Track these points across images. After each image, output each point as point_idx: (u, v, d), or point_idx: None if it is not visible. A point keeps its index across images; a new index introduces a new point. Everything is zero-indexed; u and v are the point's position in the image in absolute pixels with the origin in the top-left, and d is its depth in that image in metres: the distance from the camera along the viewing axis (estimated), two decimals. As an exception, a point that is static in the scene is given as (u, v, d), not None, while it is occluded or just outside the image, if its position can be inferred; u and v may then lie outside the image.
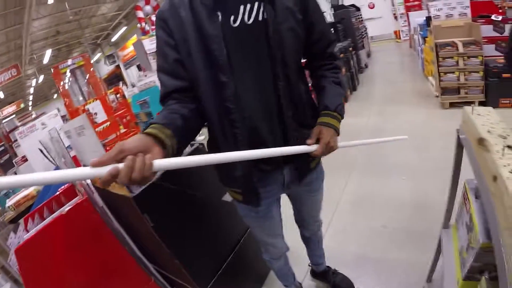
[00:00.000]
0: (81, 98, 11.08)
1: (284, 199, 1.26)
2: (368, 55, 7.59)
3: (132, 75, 13.65)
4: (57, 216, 1.34)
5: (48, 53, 12.34)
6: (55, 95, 20.29)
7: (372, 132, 3.48)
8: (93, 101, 5.52)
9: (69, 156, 1.50)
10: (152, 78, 5.28)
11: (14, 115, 15.86)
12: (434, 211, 1.60)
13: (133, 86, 8.55)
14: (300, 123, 0.96)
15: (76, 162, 1.56)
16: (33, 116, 12.08)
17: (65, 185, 1.67)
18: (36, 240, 1.30)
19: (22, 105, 16.15)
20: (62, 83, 6.87)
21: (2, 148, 6.45)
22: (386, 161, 2.78)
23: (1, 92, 14.08)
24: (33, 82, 15.82)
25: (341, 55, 4.53)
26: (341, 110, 0.98)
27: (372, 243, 1.89)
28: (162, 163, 0.61)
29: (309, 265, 1.76)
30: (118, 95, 6.35)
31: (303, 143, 0.91)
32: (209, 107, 0.91)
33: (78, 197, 1.45)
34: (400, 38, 8.96)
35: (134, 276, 1.56)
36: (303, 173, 1.08)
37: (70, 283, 1.38)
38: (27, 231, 1.43)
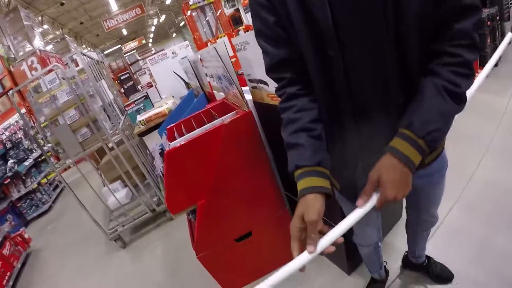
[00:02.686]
0: (208, 32, 11.72)
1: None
2: (514, 28, 6.05)
3: (251, 19, 13.74)
4: (218, 124, 1.35)
5: (171, -5, 13.16)
6: (174, 34, 22.05)
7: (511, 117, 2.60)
8: (222, 36, 5.70)
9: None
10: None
11: (134, 50, 18.04)
12: None
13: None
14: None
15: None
16: (152, 52, 13.39)
17: (219, 100, 1.70)
18: (191, 145, 1.32)
19: (143, 41, 18.11)
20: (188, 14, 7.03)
21: (127, 75, 7.40)
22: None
23: (125, 29, 15.95)
24: (155, 21, 17.40)
25: (488, 24, 3.61)
26: (433, 139, 0.61)
27: (480, 266, 1.41)
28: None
29: (405, 252, 1.49)
30: (248, 32, 6.43)
31: None
32: (317, 89, 0.74)
33: (236, 111, 1.43)
34: None
35: (273, 201, 1.55)
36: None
37: (212, 193, 1.40)
38: (172, 140, 1.47)
